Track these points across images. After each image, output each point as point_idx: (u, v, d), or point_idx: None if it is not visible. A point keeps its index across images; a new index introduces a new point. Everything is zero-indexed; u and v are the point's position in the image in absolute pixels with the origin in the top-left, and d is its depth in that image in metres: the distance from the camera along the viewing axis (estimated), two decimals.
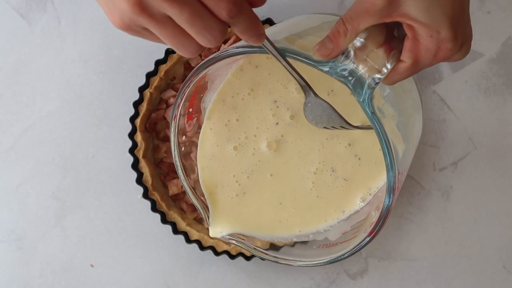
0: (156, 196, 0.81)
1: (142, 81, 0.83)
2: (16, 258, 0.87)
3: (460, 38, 0.53)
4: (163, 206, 0.81)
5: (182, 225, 0.81)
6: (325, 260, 0.63)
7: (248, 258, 0.81)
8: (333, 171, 0.66)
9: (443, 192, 0.86)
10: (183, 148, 0.68)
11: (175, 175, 0.83)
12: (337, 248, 0.64)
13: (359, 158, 0.65)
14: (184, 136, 0.68)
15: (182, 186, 0.82)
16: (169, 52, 0.81)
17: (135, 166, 0.81)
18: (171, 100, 0.82)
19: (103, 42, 0.86)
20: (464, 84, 0.86)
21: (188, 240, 0.81)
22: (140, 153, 0.81)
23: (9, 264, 0.87)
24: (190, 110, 0.67)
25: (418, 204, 0.86)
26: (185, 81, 0.62)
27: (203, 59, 0.82)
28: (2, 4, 0.86)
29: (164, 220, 0.81)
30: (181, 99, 0.63)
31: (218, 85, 0.68)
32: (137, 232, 0.86)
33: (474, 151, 0.86)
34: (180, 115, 0.65)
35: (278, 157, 0.67)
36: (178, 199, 0.83)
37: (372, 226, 0.59)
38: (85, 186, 0.86)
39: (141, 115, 0.81)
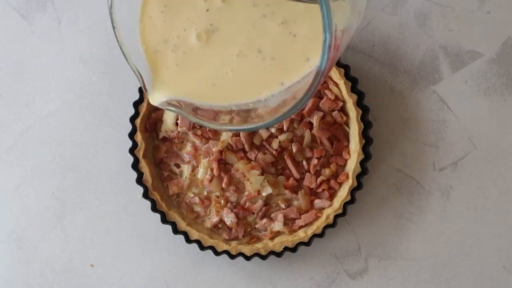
0: (156, 196, 0.81)
1: None
2: (16, 258, 0.87)
3: None
4: (163, 206, 0.81)
5: (182, 225, 0.81)
6: (264, 123, 0.60)
7: (248, 258, 0.81)
8: (258, 52, 0.64)
9: (443, 192, 0.86)
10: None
11: (175, 175, 0.83)
12: (274, 113, 0.61)
13: (294, 35, 0.63)
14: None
15: (182, 186, 0.82)
16: None
17: (135, 166, 0.81)
18: None
19: (103, 42, 0.86)
20: (464, 84, 0.86)
21: (188, 240, 0.81)
22: (140, 153, 0.81)
23: (9, 264, 0.87)
24: None
25: (418, 204, 0.86)
26: None
27: None
28: (2, 4, 0.86)
29: (164, 220, 0.81)
30: None
31: None
32: (137, 232, 0.86)
33: (474, 151, 0.86)
34: None
35: (208, 48, 0.64)
36: (178, 198, 0.83)
37: (305, 90, 0.55)
38: (85, 186, 0.86)
39: (141, 115, 0.81)
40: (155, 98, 0.65)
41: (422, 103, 0.86)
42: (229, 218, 0.82)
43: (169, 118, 0.82)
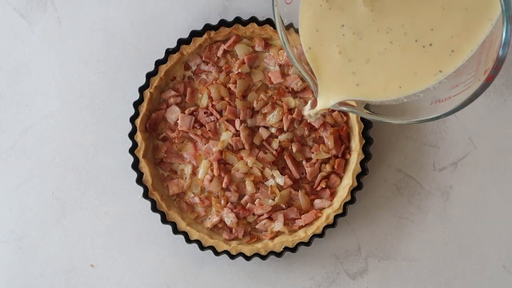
0: (156, 196, 0.81)
1: (142, 81, 0.84)
2: (16, 258, 0.87)
3: None
4: (163, 206, 0.81)
5: (182, 225, 0.81)
6: (442, 113, 0.60)
7: (248, 258, 0.81)
8: (432, 30, 0.63)
9: (443, 192, 0.86)
10: (285, 20, 0.65)
11: (175, 175, 0.83)
12: (451, 101, 0.61)
13: (465, 9, 0.62)
14: (285, 8, 0.65)
15: (182, 186, 0.83)
16: (169, 52, 0.81)
17: (135, 166, 0.81)
18: (171, 100, 0.83)
19: (103, 42, 0.86)
20: None
21: (188, 240, 0.81)
22: (140, 153, 0.81)
23: (9, 264, 0.87)
24: None
25: (418, 204, 0.86)
26: None
27: (203, 60, 0.83)
28: (2, 4, 0.86)
29: (164, 220, 0.81)
30: None
31: None
32: (137, 232, 0.86)
33: (474, 151, 0.86)
34: None
35: (378, 20, 0.64)
36: (179, 198, 0.83)
37: (488, 71, 0.56)
38: (85, 186, 0.86)
39: (141, 115, 0.81)
40: (325, 103, 0.66)
41: None
42: (229, 218, 0.82)
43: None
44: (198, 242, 0.81)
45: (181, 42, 0.82)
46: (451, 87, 0.62)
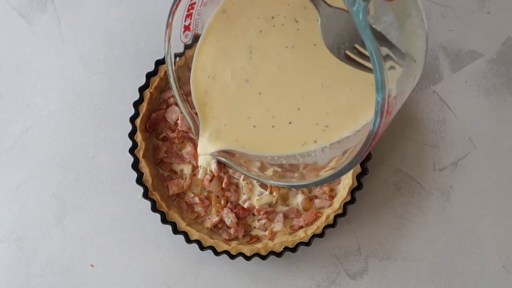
0: (156, 196, 0.81)
1: (142, 81, 0.84)
2: (16, 258, 0.87)
3: None
4: (163, 206, 0.81)
5: (182, 225, 0.81)
6: (309, 182, 0.61)
7: (248, 258, 0.81)
8: (328, 88, 0.64)
9: (443, 192, 0.86)
10: (177, 59, 0.66)
11: (175, 175, 0.83)
12: (323, 172, 0.62)
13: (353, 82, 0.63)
14: (179, 48, 0.66)
15: (182, 186, 0.83)
16: None
17: (135, 166, 0.81)
18: (171, 100, 0.83)
19: (103, 42, 0.86)
20: (464, 84, 0.86)
21: (188, 240, 0.81)
22: (140, 153, 0.81)
23: (9, 264, 0.87)
24: (188, 21, 0.64)
25: (418, 204, 0.86)
26: None
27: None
28: (2, 4, 0.86)
29: (164, 220, 0.81)
30: (176, 6, 0.61)
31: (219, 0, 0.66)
32: (137, 232, 0.86)
33: (474, 151, 0.86)
34: (173, 24, 0.62)
35: (275, 77, 0.65)
36: (179, 198, 0.83)
37: (355, 152, 0.56)
38: (85, 186, 0.86)
39: (141, 115, 0.81)
40: (204, 148, 0.67)
41: (422, 103, 0.86)
42: (229, 218, 0.82)
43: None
44: (198, 242, 0.81)
45: None
46: (330, 157, 0.63)
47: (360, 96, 0.62)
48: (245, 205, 0.82)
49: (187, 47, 0.67)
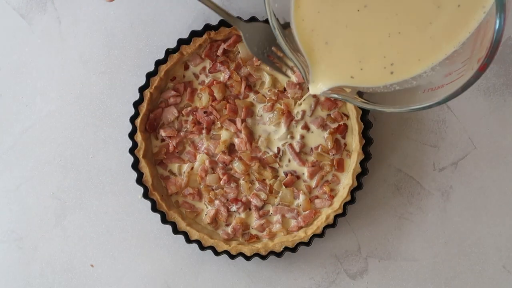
0: (156, 196, 0.81)
1: (142, 81, 0.84)
2: (16, 258, 0.87)
3: None
4: (163, 206, 0.81)
5: (182, 225, 0.81)
6: (435, 101, 0.59)
7: (248, 258, 0.81)
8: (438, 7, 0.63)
9: (443, 192, 0.86)
10: (276, 6, 0.66)
11: (174, 176, 0.83)
12: (443, 90, 0.60)
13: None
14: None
15: (180, 185, 0.83)
16: (169, 52, 0.81)
17: (135, 166, 0.81)
18: (171, 100, 0.83)
19: (103, 42, 0.86)
20: None
21: (188, 240, 0.81)
22: (140, 153, 0.81)
23: (9, 264, 0.87)
24: None
25: (418, 204, 0.86)
26: None
27: (202, 58, 0.83)
28: (2, 4, 0.86)
29: (164, 220, 0.81)
30: None
31: None
32: (137, 232, 0.86)
33: (474, 151, 0.86)
34: None
35: (362, 32, 0.65)
36: (177, 197, 0.83)
37: (482, 60, 0.55)
38: (85, 186, 0.86)
39: (141, 115, 0.81)
40: (317, 88, 0.66)
41: None
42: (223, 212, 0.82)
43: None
44: (198, 242, 0.81)
45: (181, 42, 0.82)
46: (444, 75, 0.62)
47: (467, 2, 0.61)
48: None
49: None
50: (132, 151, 0.81)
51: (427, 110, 0.85)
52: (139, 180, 0.81)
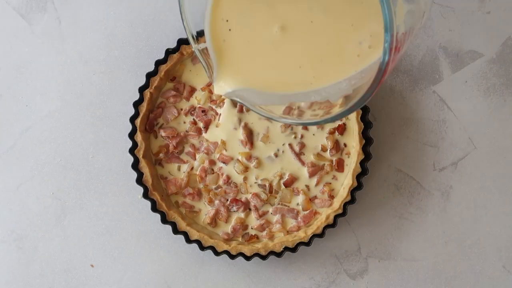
0: (156, 196, 0.81)
1: (142, 81, 0.84)
2: (16, 258, 0.87)
3: None
4: (163, 206, 0.81)
5: (182, 225, 0.81)
6: (322, 119, 0.61)
7: (248, 258, 0.81)
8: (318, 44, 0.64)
9: (443, 192, 0.86)
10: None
11: (172, 176, 0.83)
12: (335, 108, 0.62)
13: (354, 27, 0.62)
14: None
15: (180, 185, 0.83)
16: (169, 52, 0.81)
17: (135, 166, 0.81)
18: (171, 100, 0.83)
19: (103, 42, 0.86)
20: (464, 84, 0.86)
21: (188, 240, 0.81)
22: (140, 153, 0.81)
23: (9, 264, 0.87)
24: None
25: (418, 204, 0.86)
26: None
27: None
28: (2, 4, 0.86)
29: (164, 220, 0.81)
30: None
31: None
32: (137, 232, 0.86)
33: (474, 151, 0.86)
34: None
35: (278, 42, 0.65)
36: (177, 197, 0.83)
37: (365, 89, 0.56)
38: (85, 186, 0.86)
39: (141, 115, 0.81)
40: (220, 88, 0.66)
41: (422, 103, 0.86)
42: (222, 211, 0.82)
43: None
44: (198, 242, 0.81)
45: (181, 42, 0.82)
46: (343, 95, 0.63)
47: (368, 31, 0.62)
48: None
49: None
50: (132, 151, 0.81)
51: (427, 110, 0.85)
52: (139, 180, 0.81)
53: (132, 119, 0.81)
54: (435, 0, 0.85)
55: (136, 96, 0.83)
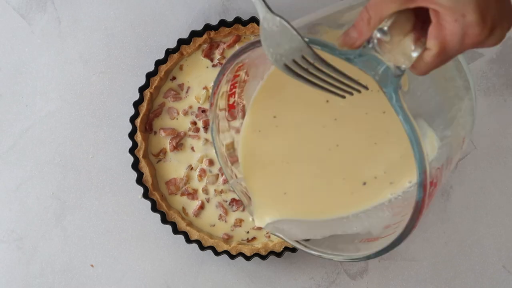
0: (156, 196, 0.81)
1: (142, 81, 0.84)
2: (16, 258, 0.87)
3: (489, 22, 0.48)
4: (163, 206, 0.81)
5: (182, 225, 0.81)
6: (364, 255, 0.60)
7: (248, 258, 0.81)
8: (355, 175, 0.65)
9: (443, 192, 0.86)
10: (224, 135, 0.67)
11: (174, 175, 0.83)
12: (376, 243, 0.61)
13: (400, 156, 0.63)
14: (226, 124, 0.67)
15: (180, 185, 0.83)
16: (169, 52, 0.81)
17: (135, 166, 0.81)
18: (171, 100, 0.83)
19: (103, 42, 0.86)
20: None
21: (188, 240, 0.81)
22: (140, 153, 0.81)
23: (9, 264, 0.87)
24: (232, 99, 0.65)
25: None
26: (219, 71, 0.61)
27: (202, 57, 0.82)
28: (2, 4, 0.86)
29: (164, 220, 0.81)
30: (217, 87, 0.62)
31: (263, 73, 0.65)
32: (137, 232, 0.86)
33: (474, 151, 0.86)
34: (218, 105, 0.63)
35: (321, 145, 0.65)
36: (176, 197, 0.83)
37: (405, 224, 0.57)
38: (85, 186, 0.86)
39: (141, 115, 0.81)
40: (261, 220, 0.67)
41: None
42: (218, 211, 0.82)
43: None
44: (198, 242, 0.81)
45: (181, 42, 0.82)
46: (384, 226, 0.62)
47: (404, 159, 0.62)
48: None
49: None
50: (132, 151, 0.81)
51: None
52: (139, 180, 0.81)
53: (132, 119, 0.81)
54: None
55: (136, 96, 0.83)
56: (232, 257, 0.81)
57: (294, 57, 0.51)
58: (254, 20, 0.81)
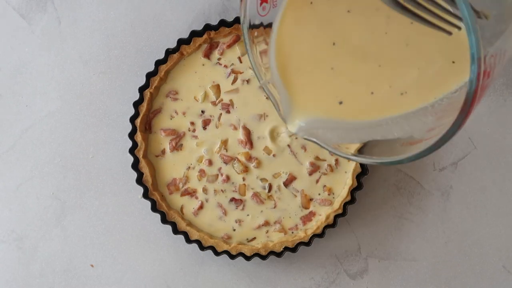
0: (156, 196, 0.81)
1: (142, 81, 0.84)
2: (16, 258, 0.87)
3: None
4: (163, 206, 0.81)
5: (182, 225, 0.81)
6: (410, 155, 0.56)
7: (248, 258, 0.81)
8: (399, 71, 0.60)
9: (443, 192, 0.86)
10: (255, 33, 0.62)
11: (174, 175, 0.83)
12: (420, 145, 0.57)
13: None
14: (256, 20, 0.62)
15: (180, 185, 0.83)
16: (169, 52, 0.81)
17: (135, 166, 0.81)
18: (171, 100, 0.83)
19: (103, 42, 0.86)
20: None
21: (188, 240, 0.81)
22: (140, 153, 0.81)
23: (9, 264, 0.87)
24: None
25: (418, 204, 0.86)
26: None
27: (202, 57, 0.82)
28: (2, 4, 0.86)
29: (164, 220, 0.81)
30: None
31: None
32: (137, 232, 0.86)
33: (474, 151, 0.86)
34: None
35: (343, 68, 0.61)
36: (176, 197, 0.83)
37: (451, 121, 0.51)
38: (85, 186, 0.86)
39: (141, 115, 0.81)
40: (295, 125, 0.63)
41: None
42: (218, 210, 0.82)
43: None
44: (198, 242, 0.81)
45: (181, 42, 0.82)
46: (427, 129, 0.59)
47: (452, 56, 0.58)
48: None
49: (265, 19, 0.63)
50: (132, 151, 0.81)
51: None
52: (139, 180, 0.81)
53: (132, 119, 0.81)
54: None
55: (136, 96, 0.83)
56: (232, 257, 0.81)
57: None
58: None
